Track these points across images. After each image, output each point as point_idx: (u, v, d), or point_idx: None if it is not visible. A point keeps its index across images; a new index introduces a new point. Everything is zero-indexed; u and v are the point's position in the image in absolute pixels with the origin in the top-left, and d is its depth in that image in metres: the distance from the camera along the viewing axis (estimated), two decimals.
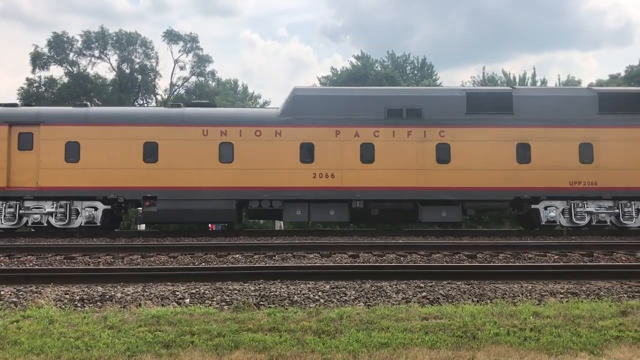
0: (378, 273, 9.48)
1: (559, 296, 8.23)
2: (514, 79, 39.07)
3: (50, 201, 18.27)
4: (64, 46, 38.17)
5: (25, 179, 18.27)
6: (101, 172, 18.26)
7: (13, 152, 18.37)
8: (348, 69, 39.03)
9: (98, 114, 19.36)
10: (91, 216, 18.22)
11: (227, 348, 5.91)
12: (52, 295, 7.97)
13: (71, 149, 18.40)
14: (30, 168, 18.30)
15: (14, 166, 18.31)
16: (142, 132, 18.54)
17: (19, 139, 18.47)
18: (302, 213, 18.47)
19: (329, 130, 18.57)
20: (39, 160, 18.31)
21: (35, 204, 18.27)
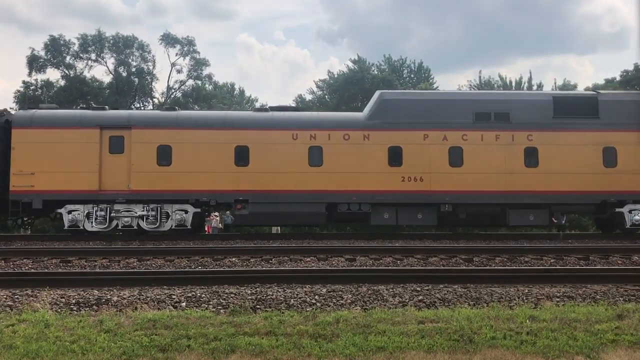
0: (375, 276, 9.48)
1: (555, 300, 8.23)
2: (510, 83, 39.17)
3: (141, 204, 18.24)
4: (60, 49, 38.11)
5: (116, 182, 18.23)
6: (193, 175, 18.25)
7: (104, 156, 18.32)
8: (345, 73, 39.08)
9: (189, 118, 19.45)
10: (182, 219, 18.22)
11: (223, 352, 5.90)
12: (47, 299, 7.95)
13: (163, 152, 18.41)
14: (121, 171, 18.26)
15: (105, 169, 18.26)
16: (233, 135, 18.59)
17: (110, 143, 18.42)
18: (390, 216, 18.52)
19: (416, 134, 18.64)
20: (131, 163, 18.25)
21: (125, 207, 18.22)
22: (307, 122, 19.13)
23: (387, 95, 19.58)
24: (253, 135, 18.61)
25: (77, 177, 18.03)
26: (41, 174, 17.95)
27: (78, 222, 18.07)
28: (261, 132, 18.64)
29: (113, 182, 18.22)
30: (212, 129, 18.71)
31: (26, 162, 18.02)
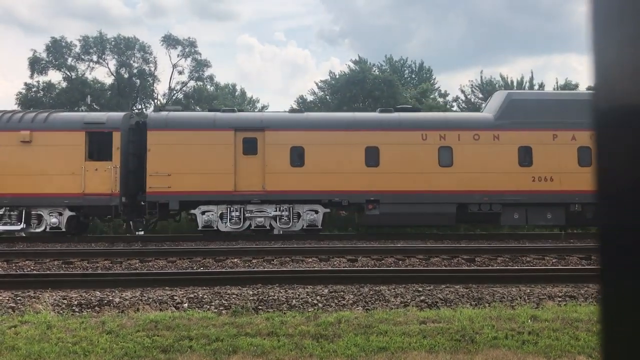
0: (376, 277, 9.49)
1: (557, 300, 8.23)
2: (511, 82, 39.12)
3: (273, 205, 18.30)
4: (62, 51, 38.13)
5: (251, 183, 18.28)
6: (325, 176, 18.28)
7: (238, 157, 18.40)
8: (346, 73, 39.09)
9: (320, 119, 19.57)
10: (313, 219, 18.29)
11: (225, 352, 5.91)
12: (50, 301, 7.97)
13: (296, 153, 18.49)
14: (255, 172, 18.32)
15: (240, 170, 18.33)
16: (363, 136, 18.59)
17: (243, 144, 18.52)
18: (520, 217, 18.51)
19: (546, 134, 18.59)
20: (265, 164, 18.33)
21: (257, 208, 18.29)
22: (436, 122, 19.17)
23: (515, 95, 19.71)
24: (383, 136, 18.63)
25: (213, 179, 18.14)
26: (177, 175, 18.05)
27: (212, 222, 18.16)
28: (391, 133, 18.67)
29: (247, 183, 18.31)
30: (343, 130, 18.78)
31: (162, 164, 18.09)
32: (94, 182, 17.89)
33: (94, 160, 18.33)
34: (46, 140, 18.07)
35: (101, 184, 17.89)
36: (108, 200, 17.90)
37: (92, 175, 17.94)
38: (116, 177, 17.94)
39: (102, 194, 17.88)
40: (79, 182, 17.87)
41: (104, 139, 18.51)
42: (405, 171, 18.33)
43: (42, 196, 17.82)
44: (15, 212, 17.91)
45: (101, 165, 18.12)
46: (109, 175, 17.96)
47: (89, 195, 17.85)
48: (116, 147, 18.15)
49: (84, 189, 17.85)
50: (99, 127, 18.41)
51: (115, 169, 17.98)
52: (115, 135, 18.24)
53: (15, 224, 17.84)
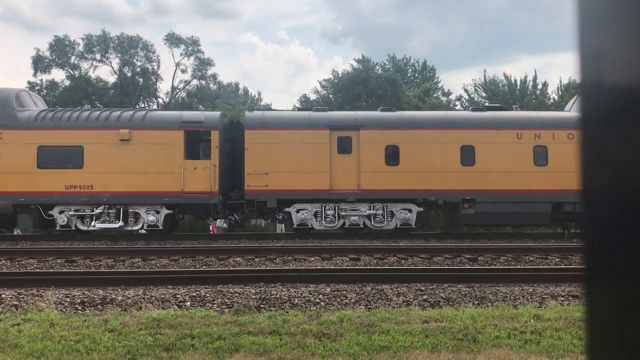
0: (379, 276, 9.48)
1: (560, 299, 8.21)
2: (515, 81, 39.04)
3: (366, 203, 18.36)
4: (65, 50, 38.20)
5: (346, 181, 18.38)
6: (420, 174, 18.31)
7: (333, 156, 18.50)
8: (349, 72, 39.07)
9: (414, 118, 19.59)
10: (407, 218, 18.31)
11: (227, 351, 5.91)
12: (52, 299, 7.98)
13: (391, 152, 18.54)
14: (350, 171, 18.42)
15: (335, 169, 18.43)
16: (458, 135, 18.62)
17: (338, 143, 18.61)
18: None
19: None
20: (360, 163, 18.41)
21: (351, 207, 18.37)
22: (530, 121, 19.15)
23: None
24: (478, 134, 18.65)
25: (309, 177, 18.28)
26: (274, 173, 18.19)
27: (307, 221, 18.26)
28: (486, 132, 18.65)
29: (342, 181, 18.41)
30: (437, 129, 18.77)
31: (259, 163, 18.24)
32: (193, 180, 18.11)
33: (192, 159, 18.62)
34: (145, 138, 18.25)
35: (200, 182, 18.12)
36: (207, 199, 18.14)
37: (191, 174, 18.16)
38: (215, 176, 18.19)
39: (202, 192, 18.10)
40: (179, 180, 18.08)
41: (202, 137, 18.89)
42: (501, 170, 18.28)
43: (141, 194, 18.03)
44: (113, 210, 18.06)
45: (200, 163, 18.43)
46: (208, 174, 18.17)
47: (188, 193, 18.08)
48: (214, 145, 18.41)
49: (184, 187, 18.06)
50: (197, 126, 18.69)
51: (214, 168, 18.21)
52: (213, 134, 18.50)
53: (113, 222, 18.01)
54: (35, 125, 18.25)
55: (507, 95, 37.56)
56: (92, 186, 17.95)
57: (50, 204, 17.98)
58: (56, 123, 18.33)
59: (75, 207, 17.99)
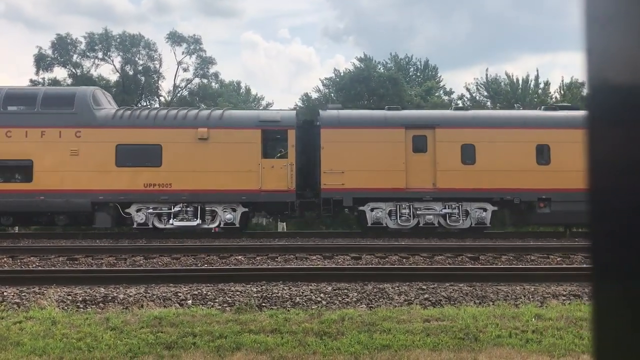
0: (380, 275, 9.48)
1: (562, 298, 8.21)
2: (517, 80, 38.98)
3: (440, 202, 18.38)
4: (67, 48, 38.24)
5: (421, 180, 18.38)
6: (496, 173, 18.32)
7: (408, 154, 18.54)
8: (351, 71, 39.04)
9: (489, 117, 19.66)
10: (481, 217, 18.36)
11: (229, 349, 5.92)
12: (54, 297, 8.00)
13: (467, 151, 18.54)
14: (425, 170, 18.45)
15: (410, 168, 18.45)
16: (534, 135, 18.65)
17: (413, 142, 18.64)
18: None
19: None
20: (436, 162, 18.44)
21: (425, 205, 18.41)
22: None
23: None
24: (553, 133, 18.66)
25: (384, 176, 18.30)
26: (350, 172, 18.25)
27: (381, 219, 18.29)
28: (560, 131, 18.63)
29: (418, 180, 18.40)
30: (513, 128, 18.79)
31: (335, 161, 18.30)
32: (271, 179, 18.22)
33: (269, 158, 18.78)
34: (222, 137, 18.33)
35: (278, 180, 18.22)
36: (285, 197, 18.22)
37: (269, 172, 18.27)
38: (292, 174, 18.29)
39: (279, 191, 18.21)
40: (257, 178, 18.19)
41: (279, 136, 18.99)
42: (577, 169, 18.01)
43: (220, 192, 18.13)
44: (191, 208, 18.18)
45: (277, 162, 18.58)
46: (285, 173, 18.28)
47: (266, 191, 18.17)
48: (291, 144, 18.51)
49: (262, 186, 18.15)
50: (274, 125, 18.79)
51: (291, 166, 18.33)
52: (290, 133, 18.60)
53: (191, 220, 18.12)
54: (114, 124, 18.34)
55: (509, 94, 37.50)
56: (170, 184, 18.07)
57: (129, 202, 18.10)
58: (134, 121, 18.42)
59: (154, 205, 18.13)
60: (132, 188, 17.95)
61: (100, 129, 18.17)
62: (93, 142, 18.04)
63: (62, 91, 20.16)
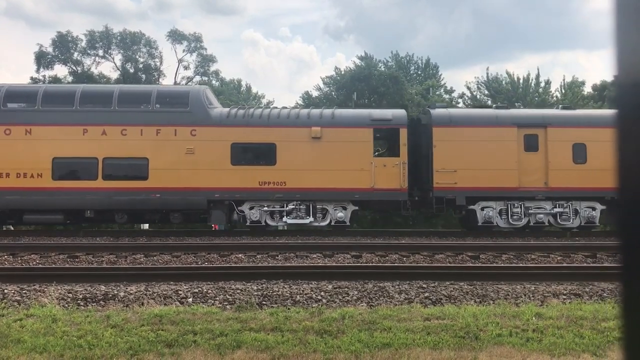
0: (381, 273, 9.47)
1: (562, 297, 8.21)
2: (517, 79, 38.95)
3: (550, 201, 18.42)
4: (68, 45, 38.25)
5: (533, 179, 18.43)
6: (607, 173, 18.07)
7: (520, 153, 18.58)
8: (352, 69, 39.02)
9: (602, 117, 19.53)
10: (591, 216, 18.41)
11: (229, 347, 5.92)
12: (55, 294, 8.00)
13: (578, 150, 18.54)
14: (537, 169, 18.50)
15: (522, 167, 18.50)
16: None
17: (524, 141, 18.67)
18: None
19: None
20: (547, 161, 18.48)
21: (535, 204, 18.43)
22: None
23: None
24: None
25: (496, 175, 18.37)
26: (462, 171, 18.33)
27: (492, 218, 18.37)
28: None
29: (530, 179, 18.46)
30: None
31: (447, 160, 18.39)
32: (383, 177, 18.32)
33: (380, 156, 18.89)
34: (335, 136, 18.49)
35: (390, 179, 18.31)
36: (397, 196, 18.33)
37: (381, 171, 18.36)
38: (404, 173, 18.39)
39: (392, 190, 18.30)
40: (369, 177, 18.30)
41: (390, 135, 19.03)
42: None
43: (332, 190, 18.29)
44: (303, 206, 18.33)
45: (389, 161, 18.60)
46: (397, 171, 18.37)
47: (379, 190, 18.27)
48: (403, 143, 18.58)
49: (374, 184, 18.24)
50: (385, 124, 18.87)
51: (403, 165, 18.40)
52: (402, 132, 18.67)
53: (304, 218, 18.28)
54: (228, 123, 18.48)
55: (509, 93, 37.48)
56: (285, 182, 18.23)
57: (242, 200, 18.28)
58: (249, 120, 18.55)
59: (267, 203, 18.29)
60: (247, 186, 18.16)
61: (215, 128, 18.36)
62: (208, 141, 18.24)
63: (176, 90, 20.33)
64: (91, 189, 17.89)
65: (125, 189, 17.92)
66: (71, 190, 17.85)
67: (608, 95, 32.72)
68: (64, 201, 17.86)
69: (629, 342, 0.96)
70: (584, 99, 35.64)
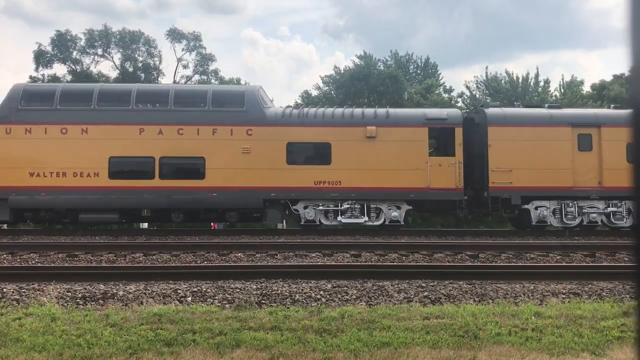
0: (380, 272, 9.47)
1: (561, 296, 8.22)
2: (517, 78, 38.97)
3: (602, 201, 18.51)
4: (67, 44, 38.22)
5: (587, 179, 18.50)
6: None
7: (574, 153, 18.63)
8: (351, 68, 39.01)
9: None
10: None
11: (228, 346, 5.92)
12: (54, 293, 7.99)
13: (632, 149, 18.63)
14: (591, 168, 18.56)
15: (576, 166, 18.55)
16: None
17: (578, 140, 18.71)
18: None
19: None
20: (601, 160, 18.53)
21: (588, 204, 18.51)
22: None
23: None
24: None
25: (551, 174, 18.46)
26: (517, 170, 18.44)
27: (546, 218, 18.47)
28: None
29: (583, 178, 18.53)
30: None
31: (503, 160, 18.48)
32: (439, 176, 18.40)
33: (435, 156, 18.94)
34: (389, 135, 18.58)
35: (445, 179, 18.39)
36: (452, 195, 18.43)
37: (436, 170, 18.43)
38: (460, 172, 18.47)
39: (447, 189, 18.38)
40: (424, 176, 18.39)
41: (445, 134, 19.03)
42: None
43: (388, 190, 18.36)
44: (358, 205, 18.38)
45: (444, 160, 18.66)
46: (453, 171, 18.45)
47: (434, 189, 18.36)
48: (458, 142, 18.68)
49: (429, 184, 18.31)
50: (441, 123, 18.93)
51: (459, 164, 18.48)
52: (457, 131, 18.76)
53: (359, 217, 18.32)
54: (283, 122, 18.62)
55: (509, 92, 37.50)
56: (340, 182, 18.34)
57: (297, 199, 18.39)
58: (303, 120, 18.69)
59: (322, 202, 18.39)
60: (303, 185, 18.28)
61: (270, 127, 18.50)
62: (264, 140, 18.38)
63: (231, 89, 20.49)
64: (148, 188, 18.08)
65: (182, 188, 18.10)
66: (128, 189, 18.04)
67: (607, 95, 32.71)
68: (120, 200, 18.07)
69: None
70: (582, 99, 35.67)
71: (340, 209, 18.32)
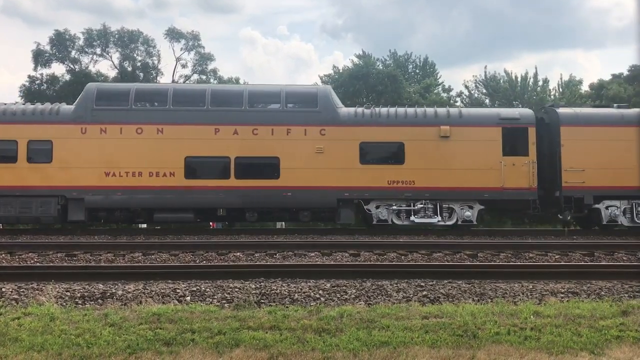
0: (379, 272, 9.48)
1: (560, 296, 8.23)
2: (515, 78, 38.98)
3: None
4: (65, 44, 38.20)
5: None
6: None
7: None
8: (350, 68, 38.99)
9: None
10: None
11: (227, 346, 5.92)
12: (53, 293, 7.99)
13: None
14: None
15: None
16: None
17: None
18: None
19: None
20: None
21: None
22: None
23: None
24: None
25: (622, 174, 18.51)
26: (590, 170, 18.50)
27: (617, 217, 18.51)
28: None
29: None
30: None
31: (575, 159, 18.56)
32: (513, 176, 18.48)
33: (508, 155, 18.82)
34: (463, 135, 18.67)
35: (519, 178, 18.47)
36: (526, 195, 18.49)
37: (510, 170, 18.50)
38: (534, 172, 18.54)
39: (521, 189, 18.46)
40: (498, 176, 18.46)
41: (518, 134, 19.00)
42: None
43: (462, 190, 18.43)
44: (431, 205, 18.44)
45: (518, 160, 18.66)
46: (526, 170, 18.54)
47: (508, 189, 18.42)
48: (532, 142, 18.76)
49: (503, 184, 18.37)
50: (514, 123, 19.01)
51: (533, 164, 18.56)
52: (530, 131, 18.87)
53: (432, 217, 18.42)
54: (356, 122, 18.74)
55: (507, 92, 37.52)
56: (413, 182, 18.40)
57: (370, 199, 18.44)
58: (377, 120, 18.78)
59: (395, 202, 18.43)
60: (376, 185, 18.36)
61: (343, 127, 18.62)
62: (337, 140, 18.50)
63: (304, 90, 20.57)
64: (224, 188, 18.25)
65: (257, 188, 18.25)
66: (204, 189, 18.20)
67: (606, 94, 32.71)
68: (196, 200, 18.24)
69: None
70: (581, 98, 35.69)
71: (414, 208, 18.39)
